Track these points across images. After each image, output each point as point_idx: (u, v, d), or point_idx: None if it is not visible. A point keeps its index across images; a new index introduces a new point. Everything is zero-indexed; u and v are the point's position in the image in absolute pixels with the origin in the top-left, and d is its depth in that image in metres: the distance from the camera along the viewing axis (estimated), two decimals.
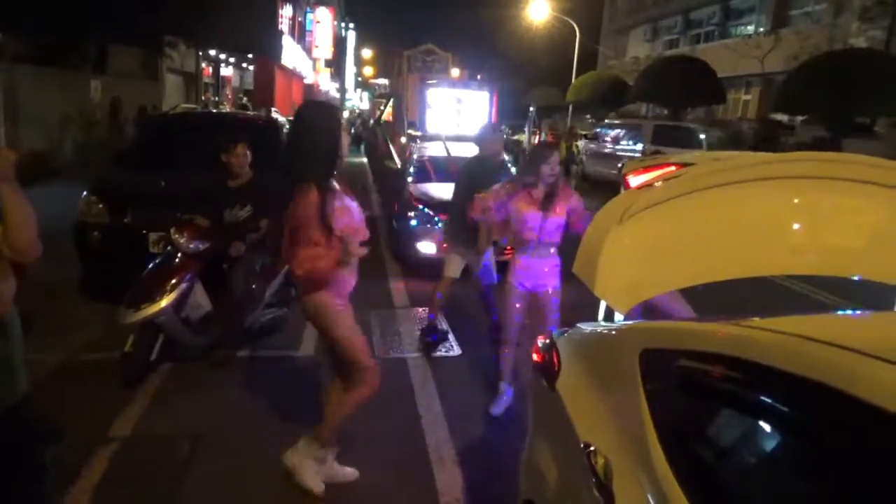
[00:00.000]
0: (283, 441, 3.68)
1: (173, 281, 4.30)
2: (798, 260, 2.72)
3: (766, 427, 1.52)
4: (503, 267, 4.21)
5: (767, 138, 20.04)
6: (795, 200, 2.55)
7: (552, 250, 4.00)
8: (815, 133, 18.28)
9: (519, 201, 3.92)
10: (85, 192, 5.73)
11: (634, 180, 4.01)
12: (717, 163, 3.06)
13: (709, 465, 1.57)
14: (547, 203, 3.89)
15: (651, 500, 1.56)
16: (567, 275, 3.17)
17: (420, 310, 6.23)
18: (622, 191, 3.97)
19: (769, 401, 1.47)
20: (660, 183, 2.56)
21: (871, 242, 2.58)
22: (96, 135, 14.63)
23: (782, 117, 22.13)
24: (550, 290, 4.00)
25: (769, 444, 1.53)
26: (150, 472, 3.40)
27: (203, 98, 24.82)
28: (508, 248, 5.85)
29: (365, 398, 3.22)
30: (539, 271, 3.97)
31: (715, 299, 3.54)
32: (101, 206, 5.61)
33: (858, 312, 2.30)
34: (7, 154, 2.03)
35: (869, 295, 3.06)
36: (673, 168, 3.58)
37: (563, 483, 1.99)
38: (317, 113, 3.04)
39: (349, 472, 3.39)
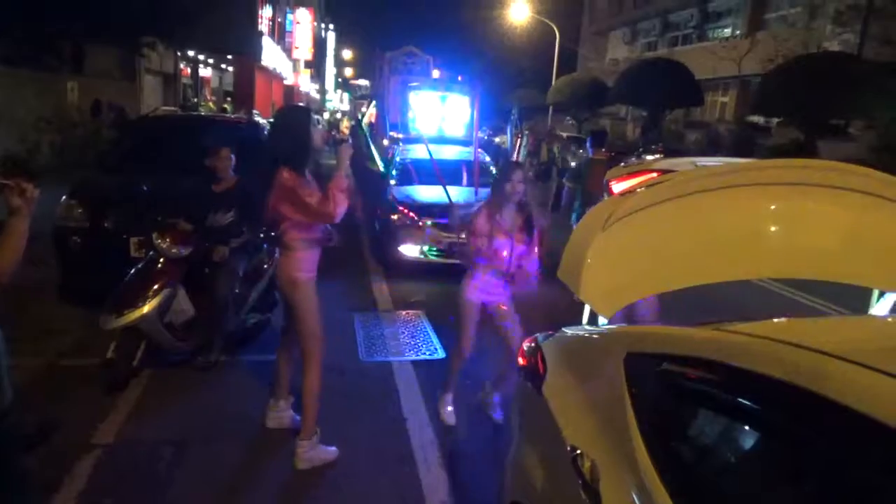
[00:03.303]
0: (269, 446, 3.69)
1: (156, 286, 4.28)
2: (776, 264, 2.79)
3: (745, 427, 1.57)
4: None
5: (744, 140, 20.35)
6: (773, 206, 2.61)
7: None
8: (791, 135, 18.58)
9: (491, 226, 3.82)
10: (64, 196, 5.66)
11: (617, 187, 4.07)
12: (697, 169, 3.13)
13: (692, 465, 1.62)
14: (516, 227, 3.86)
15: (637, 501, 1.60)
16: (553, 279, 3.21)
17: (404, 313, 6.24)
18: (605, 197, 4.02)
19: (747, 402, 1.52)
20: (642, 189, 2.62)
21: (845, 246, 2.65)
22: (74, 136, 14.43)
23: (759, 119, 22.47)
24: (503, 300, 4.00)
25: (748, 444, 1.58)
26: (134, 479, 3.38)
27: (194, 100, 24.60)
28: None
29: (319, 368, 3.55)
30: (496, 287, 3.96)
31: (703, 302, 3.61)
32: (80, 210, 5.54)
33: (835, 316, 2.37)
34: (32, 190, 2.12)
35: (848, 298, 3.15)
36: (655, 175, 3.64)
37: (550, 485, 2.03)
38: (292, 113, 3.65)
39: (331, 451, 3.61)
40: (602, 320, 2.62)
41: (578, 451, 1.84)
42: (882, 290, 2.82)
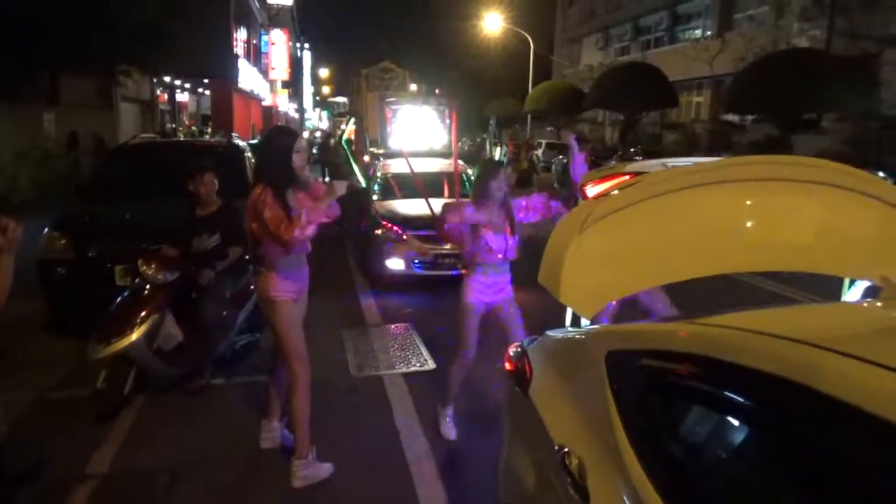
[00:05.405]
0: (264, 466, 3.70)
1: (143, 313, 4.28)
2: (752, 258, 2.86)
3: (725, 419, 1.62)
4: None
5: (720, 138, 20.64)
6: (743, 202, 2.68)
7: (507, 265, 3.99)
8: (766, 131, 18.88)
9: (480, 223, 3.83)
10: (47, 228, 5.66)
11: (592, 190, 4.14)
12: (670, 170, 3.21)
13: (675, 458, 1.67)
14: (505, 223, 3.89)
15: (624, 495, 1.64)
16: (535, 285, 3.27)
17: (392, 326, 6.27)
18: (580, 201, 4.09)
19: (724, 394, 1.57)
20: (617, 191, 2.68)
21: (817, 238, 2.73)
22: (53, 168, 14.34)
23: (733, 117, 22.81)
24: (509, 298, 3.98)
25: (729, 436, 1.62)
26: None
27: (173, 126, 24.58)
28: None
29: (306, 388, 3.54)
30: (497, 286, 3.93)
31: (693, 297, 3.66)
32: (63, 241, 5.53)
33: (809, 305, 2.43)
34: (15, 228, 2.16)
35: (818, 286, 3.24)
36: (628, 177, 3.71)
37: (541, 485, 2.07)
38: (275, 135, 3.64)
39: (326, 468, 3.61)
40: (584, 321, 2.68)
41: (566, 450, 1.89)
42: (852, 277, 2.90)
